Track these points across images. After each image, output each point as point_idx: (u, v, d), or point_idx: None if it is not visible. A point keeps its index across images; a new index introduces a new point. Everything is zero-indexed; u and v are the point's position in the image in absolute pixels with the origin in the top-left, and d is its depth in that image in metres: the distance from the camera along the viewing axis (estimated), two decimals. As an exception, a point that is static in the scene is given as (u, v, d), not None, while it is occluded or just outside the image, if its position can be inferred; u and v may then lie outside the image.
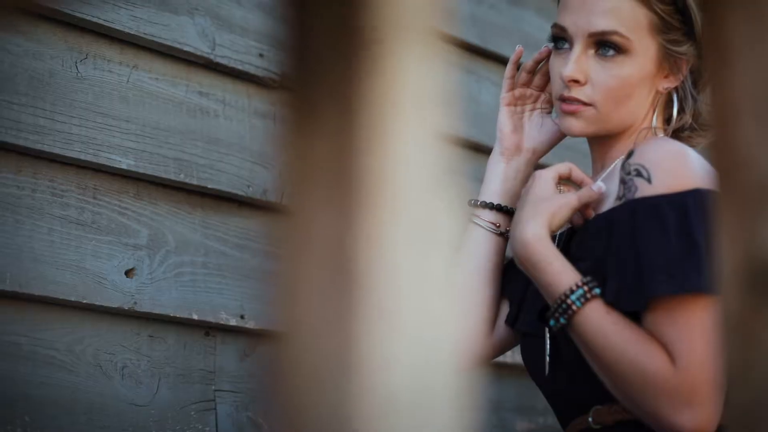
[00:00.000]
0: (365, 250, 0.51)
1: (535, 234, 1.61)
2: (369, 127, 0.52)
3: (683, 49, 1.70)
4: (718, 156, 0.66)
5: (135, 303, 1.97)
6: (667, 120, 1.76)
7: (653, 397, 1.54)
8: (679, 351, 1.53)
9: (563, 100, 1.69)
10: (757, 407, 0.58)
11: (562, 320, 1.59)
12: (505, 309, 1.83)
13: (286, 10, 0.51)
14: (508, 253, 1.81)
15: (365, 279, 0.51)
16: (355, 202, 0.52)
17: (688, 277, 1.53)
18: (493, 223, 1.81)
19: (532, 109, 1.84)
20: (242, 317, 2.10)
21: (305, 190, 0.53)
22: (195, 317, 2.04)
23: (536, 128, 1.83)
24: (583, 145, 1.92)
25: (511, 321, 1.81)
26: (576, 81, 1.68)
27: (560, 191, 1.70)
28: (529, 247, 1.61)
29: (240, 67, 2.16)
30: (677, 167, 1.60)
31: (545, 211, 1.63)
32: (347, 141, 0.53)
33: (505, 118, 1.83)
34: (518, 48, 1.83)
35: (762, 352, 0.59)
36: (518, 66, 1.88)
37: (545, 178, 1.68)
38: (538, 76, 1.84)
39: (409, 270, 0.52)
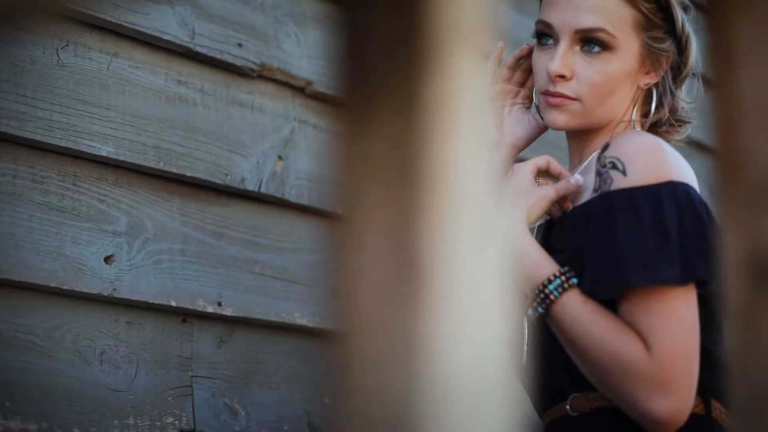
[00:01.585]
0: (427, 246, 0.54)
1: (514, 227, 1.65)
2: (428, 127, 0.55)
3: (665, 46, 1.75)
4: (721, 155, 0.70)
5: (114, 289, 1.98)
6: (645, 114, 1.80)
7: (629, 384, 1.58)
8: (654, 339, 1.58)
9: (548, 94, 1.73)
10: (760, 394, 0.61)
11: (540, 309, 1.63)
12: None
13: (345, 14, 0.53)
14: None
15: (427, 276, 0.54)
16: (416, 200, 0.54)
17: (663, 268, 1.57)
18: None
19: (512, 105, 1.87)
20: (219, 304, 2.12)
21: (365, 188, 0.55)
22: (173, 304, 2.06)
23: (516, 123, 1.86)
24: (559, 139, 1.96)
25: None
26: (562, 76, 1.71)
27: (539, 184, 1.73)
28: (507, 239, 1.64)
29: (219, 57, 2.18)
30: (652, 160, 1.64)
31: (524, 203, 1.66)
32: (407, 140, 0.55)
33: None
34: (500, 44, 1.86)
35: (765, 340, 0.62)
36: (499, 62, 1.91)
37: (524, 171, 1.71)
38: (518, 72, 1.87)
39: (468, 265, 0.55)
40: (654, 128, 1.79)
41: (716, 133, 0.68)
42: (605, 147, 1.67)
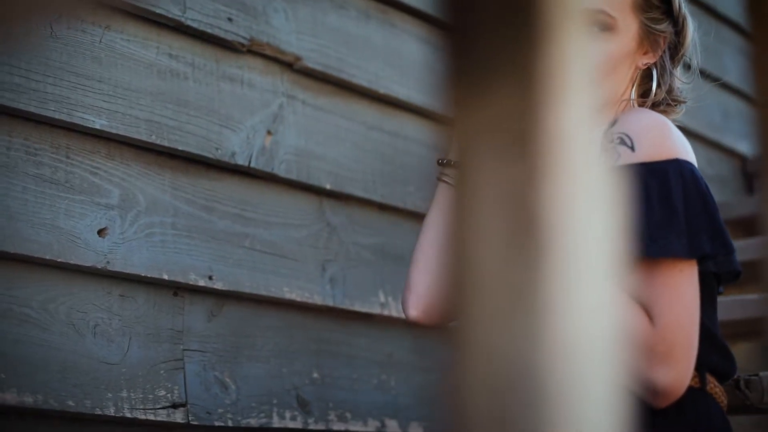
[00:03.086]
0: (545, 209, 0.56)
1: None
2: (542, 97, 0.57)
3: (662, 26, 1.78)
4: (763, 133, 0.72)
5: (107, 262, 1.98)
6: (643, 94, 1.83)
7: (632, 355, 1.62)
8: (658, 311, 1.61)
9: None
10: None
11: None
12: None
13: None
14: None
15: (545, 238, 0.56)
16: (533, 167, 0.56)
17: (669, 242, 1.61)
18: None
19: None
20: (210, 278, 2.13)
21: (481, 155, 0.57)
22: (165, 277, 2.06)
23: None
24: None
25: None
26: None
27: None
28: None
29: (209, 31, 2.18)
30: (659, 137, 1.67)
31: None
32: (522, 109, 0.57)
33: None
34: None
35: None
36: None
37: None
38: None
39: (581, 228, 0.57)
40: (652, 107, 1.82)
41: (758, 110, 0.70)
42: (613, 123, 1.70)
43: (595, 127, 0.60)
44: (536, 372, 0.55)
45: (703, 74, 2.02)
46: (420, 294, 1.83)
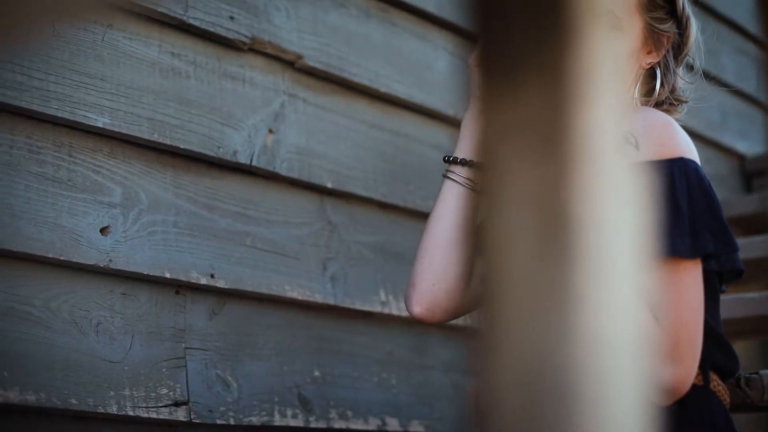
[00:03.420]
0: (575, 206, 0.56)
1: None
2: (572, 94, 0.57)
3: (666, 26, 1.79)
4: None
5: (110, 260, 1.98)
6: (646, 93, 1.83)
7: None
8: (663, 311, 1.61)
9: None
10: None
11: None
12: (479, 266, 1.89)
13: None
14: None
15: (575, 235, 0.56)
16: (563, 163, 0.56)
17: (675, 242, 1.61)
18: (471, 180, 1.85)
19: None
20: (212, 276, 2.13)
21: (511, 153, 0.57)
22: (167, 275, 2.06)
23: None
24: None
25: (487, 280, 1.87)
26: None
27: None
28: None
29: (211, 29, 2.18)
30: (664, 136, 1.67)
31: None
32: (553, 102, 0.57)
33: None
34: None
35: None
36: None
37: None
38: None
39: (611, 225, 0.57)
40: (654, 107, 1.83)
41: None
42: None
43: (621, 126, 0.60)
44: (567, 368, 0.55)
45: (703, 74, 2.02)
46: (424, 291, 1.83)
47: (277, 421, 2.21)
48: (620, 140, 0.60)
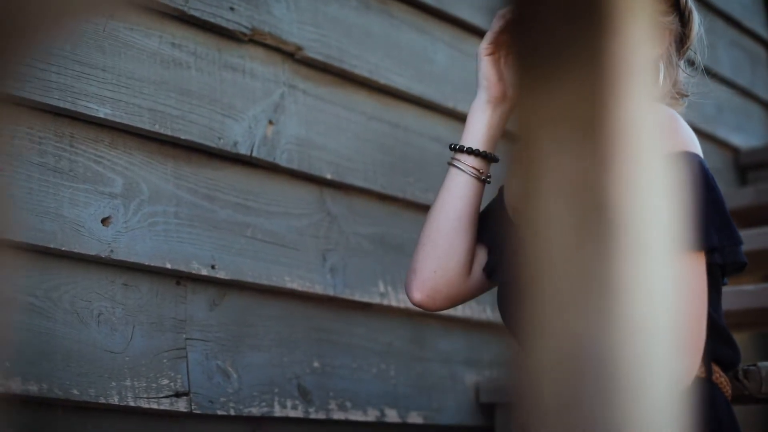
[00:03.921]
0: (613, 193, 0.56)
1: None
2: (609, 83, 0.57)
3: (669, 19, 1.79)
4: None
5: (111, 251, 1.98)
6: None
7: None
8: None
9: None
10: None
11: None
12: (481, 255, 1.90)
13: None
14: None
15: (616, 222, 0.56)
16: (601, 151, 0.57)
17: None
18: (476, 169, 1.86)
19: (506, 55, 1.88)
20: (213, 267, 2.13)
21: (549, 140, 0.57)
22: (168, 266, 2.06)
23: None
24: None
25: (489, 270, 1.88)
26: None
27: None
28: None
29: (212, 20, 2.18)
30: (670, 130, 1.68)
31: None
32: (593, 91, 0.58)
33: (488, 67, 1.86)
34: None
35: None
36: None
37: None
38: None
39: (645, 213, 0.57)
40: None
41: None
42: None
43: (655, 117, 0.61)
44: (605, 354, 0.56)
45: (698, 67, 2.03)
46: (425, 278, 1.84)
47: (277, 412, 2.21)
48: (655, 131, 0.60)
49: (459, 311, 2.56)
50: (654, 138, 0.60)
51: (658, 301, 0.58)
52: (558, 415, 0.54)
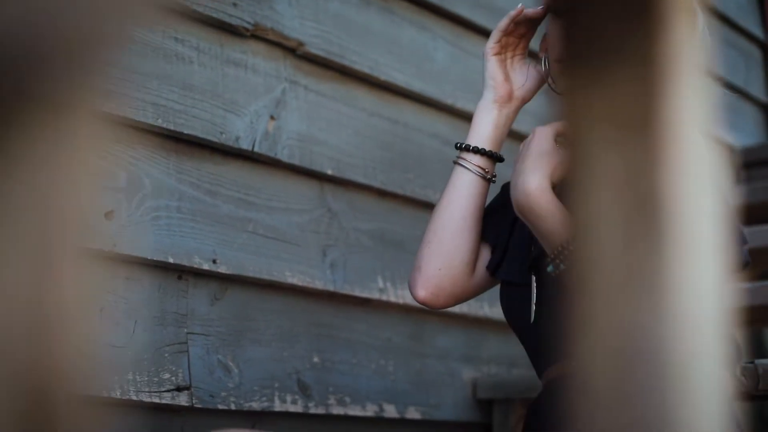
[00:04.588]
0: (663, 188, 0.57)
1: (539, 185, 1.67)
2: (659, 79, 0.58)
3: None
4: None
5: (114, 245, 1.98)
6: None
7: None
8: None
9: None
10: None
11: (562, 266, 1.66)
12: (484, 253, 1.91)
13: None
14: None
15: (666, 218, 0.57)
16: (651, 146, 0.58)
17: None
18: (482, 168, 1.87)
19: (513, 56, 1.90)
20: (214, 262, 2.14)
21: (600, 136, 0.58)
22: (170, 260, 2.06)
23: (522, 76, 1.89)
24: (539, 110, 2.00)
25: (492, 268, 1.88)
26: None
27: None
28: (532, 197, 1.66)
29: (214, 15, 2.18)
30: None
31: (547, 164, 1.69)
32: (643, 88, 0.58)
33: (495, 67, 1.87)
34: (520, 5, 1.88)
35: None
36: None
37: (546, 133, 1.74)
38: (522, 24, 1.89)
39: (696, 208, 0.58)
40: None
41: None
42: None
43: (704, 113, 0.62)
44: (657, 350, 0.56)
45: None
46: (430, 275, 1.84)
47: (277, 406, 2.22)
48: (704, 126, 0.61)
49: (457, 307, 2.57)
50: (702, 135, 0.60)
51: (707, 296, 0.59)
52: (610, 411, 0.55)
